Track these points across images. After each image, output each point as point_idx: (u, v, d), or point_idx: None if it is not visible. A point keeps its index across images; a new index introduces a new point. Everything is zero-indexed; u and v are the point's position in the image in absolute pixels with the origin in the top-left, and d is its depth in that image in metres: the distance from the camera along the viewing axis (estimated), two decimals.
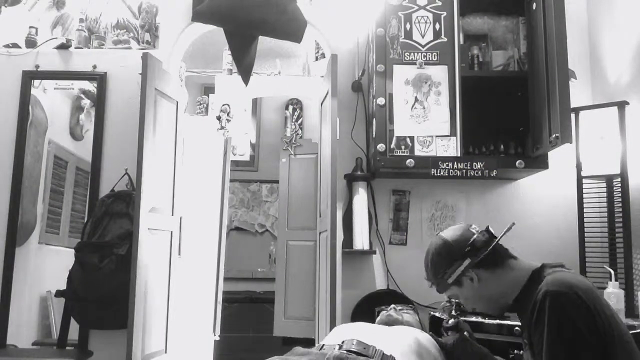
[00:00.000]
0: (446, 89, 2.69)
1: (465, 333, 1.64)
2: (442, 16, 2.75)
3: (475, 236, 1.48)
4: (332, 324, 2.40)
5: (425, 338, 1.56)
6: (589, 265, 2.54)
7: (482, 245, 1.47)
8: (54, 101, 3.59)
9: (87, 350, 2.80)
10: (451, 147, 2.66)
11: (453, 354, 1.61)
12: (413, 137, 2.67)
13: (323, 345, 1.44)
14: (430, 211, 2.97)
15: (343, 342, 1.39)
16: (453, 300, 1.72)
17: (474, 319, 2.10)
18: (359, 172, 2.90)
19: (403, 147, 2.66)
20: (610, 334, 1.24)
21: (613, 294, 2.21)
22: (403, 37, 2.74)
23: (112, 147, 2.97)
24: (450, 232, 1.54)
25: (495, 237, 1.50)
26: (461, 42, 2.76)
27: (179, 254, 3.03)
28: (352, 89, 3.05)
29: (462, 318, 1.70)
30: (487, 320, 2.10)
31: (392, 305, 1.89)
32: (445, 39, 2.73)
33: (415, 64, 2.71)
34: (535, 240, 2.84)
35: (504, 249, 1.52)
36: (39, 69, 3.03)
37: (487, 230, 1.51)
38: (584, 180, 2.61)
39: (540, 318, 1.29)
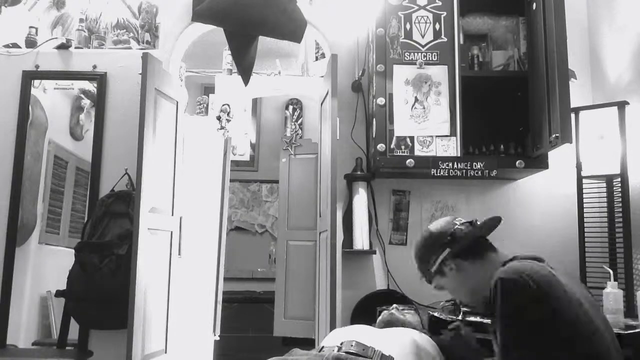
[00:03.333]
0: (446, 89, 2.69)
1: (462, 332, 1.66)
2: (442, 16, 2.75)
3: (456, 227, 1.55)
4: (332, 324, 2.40)
5: (423, 339, 1.56)
6: (588, 265, 2.54)
7: (462, 237, 1.53)
8: (54, 101, 3.59)
9: (87, 350, 2.80)
10: (451, 147, 2.66)
11: (451, 350, 1.64)
12: (413, 137, 2.67)
13: (322, 347, 1.44)
14: (430, 211, 2.97)
15: (342, 343, 1.40)
16: (457, 300, 1.75)
17: (475, 319, 2.10)
18: (359, 172, 2.90)
19: (403, 147, 2.66)
20: (568, 318, 1.26)
21: (612, 294, 2.20)
22: (403, 37, 2.74)
23: (112, 147, 2.97)
24: (435, 224, 1.63)
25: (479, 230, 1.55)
26: (461, 42, 2.76)
27: (179, 254, 3.03)
28: (352, 89, 3.05)
29: (467, 318, 1.72)
30: (486, 320, 2.10)
31: (395, 305, 1.90)
32: (445, 39, 2.73)
33: (415, 64, 2.71)
34: (535, 240, 2.84)
35: (486, 242, 1.57)
36: (39, 69, 3.03)
37: (472, 223, 1.58)
38: (584, 180, 2.61)
39: (495, 305, 1.33)
